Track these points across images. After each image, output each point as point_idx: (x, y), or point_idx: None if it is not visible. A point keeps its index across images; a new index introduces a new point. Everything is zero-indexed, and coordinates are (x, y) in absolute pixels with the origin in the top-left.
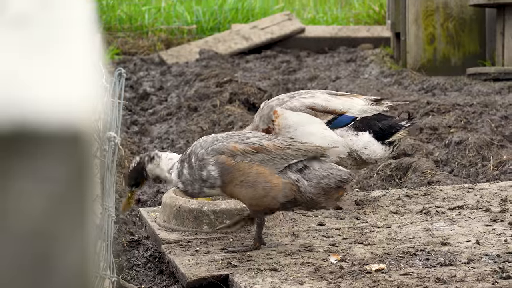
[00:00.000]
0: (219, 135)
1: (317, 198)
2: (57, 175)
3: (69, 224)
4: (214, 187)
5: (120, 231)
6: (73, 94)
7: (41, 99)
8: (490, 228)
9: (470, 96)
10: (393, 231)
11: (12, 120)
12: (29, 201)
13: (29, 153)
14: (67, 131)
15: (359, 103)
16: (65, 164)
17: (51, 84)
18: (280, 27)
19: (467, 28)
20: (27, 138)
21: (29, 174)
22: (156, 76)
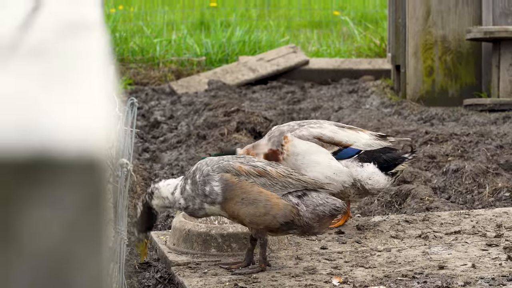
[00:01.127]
0: (225, 156)
1: (312, 223)
2: (74, 202)
3: (85, 248)
4: (215, 203)
5: (132, 254)
6: (89, 122)
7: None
8: (486, 253)
9: (467, 126)
10: (393, 254)
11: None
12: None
13: (47, 180)
14: (84, 159)
15: (364, 137)
16: (82, 191)
17: (68, 113)
18: (286, 59)
19: (464, 61)
20: (45, 165)
21: (47, 200)
22: (166, 106)
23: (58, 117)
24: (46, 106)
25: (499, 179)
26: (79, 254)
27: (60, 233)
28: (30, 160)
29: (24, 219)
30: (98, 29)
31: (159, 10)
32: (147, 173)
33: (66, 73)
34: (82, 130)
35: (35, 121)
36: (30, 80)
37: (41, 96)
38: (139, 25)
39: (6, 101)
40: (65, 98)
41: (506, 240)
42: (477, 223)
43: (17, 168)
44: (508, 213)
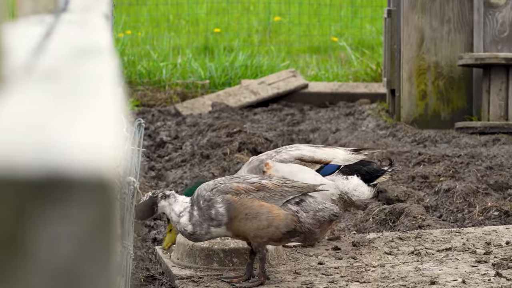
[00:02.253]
0: (219, 179)
1: (314, 229)
2: (86, 219)
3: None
4: (221, 225)
5: (138, 267)
6: (100, 143)
7: (71, 148)
8: (475, 269)
9: (458, 148)
10: (387, 270)
11: (44, 167)
12: (60, 243)
13: (61, 198)
14: (95, 178)
15: (341, 153)
16: (94, 209)
17: (80, 133)
18: (286, 82)
19: (456, 86)
20: (59, 184)
21: (60, 218)
22: (172, 126)
23: (71, 138)
24: (59, 127)
25: (489, 198)
26: (91, 269)
27: (73, 249)
28: (45, 179)
29: (39, 236)
30: (107, 53)
31: (165, 35)
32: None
33: (78, 96)
34: (93, 150)
35: (49, 142)
36: (44, 102)
37: (54, 118)
38: (146, 49)
39: (21, 122)
40: (77, 120)
41: (495, 257)
42: (467, 240)
43: (32, 186)
44: (497, 231)
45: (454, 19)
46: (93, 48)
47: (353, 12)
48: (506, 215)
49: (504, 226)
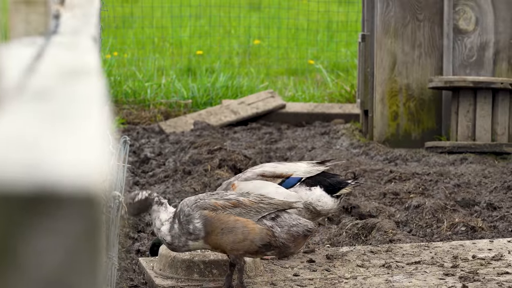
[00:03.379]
0: (201, 195)
1: (288, 243)
2: (73, 232)
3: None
4: (198, 239)
5: (122, 277)
6: (87, 159)
7: (60, 164)
8: (443, 281)
9: (428, 166)
10: (359, 282)
11: (34, 183)
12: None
13: (50, 212)
14: (82, 193)
15: (302, 166)
16: (80, 223)
17: (68, 150)
18: (264, 103)
19: (426, 107)
20: (48, 199)
21: (48, 230)
22: (156, 144)
23: (59, 155)
24: (49, 145)
25: (456, 215)
26: (78, 279)
27: (60, 260)
28: (34, 194)
29: (29, 247)
30: (95, 74)
31: (150, 57)
32: None
33: (67, 115)
34: (81, 166)
35: (39, 159)
36: (35, 122)
37: (44, 136)
38: (132, 70)
39: (12, 139)
40: (65, 138)
41: (462, 270)
42: (435, 254)
43: (23, 201)
44: (464, 246)
45: (425, 44)
46: (81, 69)
47: (329, 36)
48: (473, 230)
49: (470, 241)
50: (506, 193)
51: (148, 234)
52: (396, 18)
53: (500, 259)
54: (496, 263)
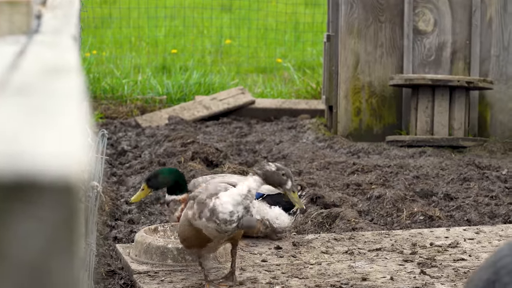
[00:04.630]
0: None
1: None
2: (52, 218)
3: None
4: None
5: (100, 263)
6: (66, 151)
7: (40, 155)
8: (402, 267)
9: (389, 159)
10: (323, 267)
11: (15, 172)
12: (29, 241)
13: (30, 200)
14: (61, 182)
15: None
16: (59, 210)
17: (49, 142)
18: (235, 99)
19: (387, 104)
20: (28, 187)
21: (28, 217)
22: (132, 137)
23: (40, 146)
24: (30, 136)
25: (415, 204)
26: (57, 264)
27: (40, 245)
28: (15, 183)
29: (10, 233)
30: (75, 71)
31: (127, 55)
32: (114, 194)
33: (48, 109)
34: (60, 157)
35: (20, 150)
36: (17, 115)
37: (25, 128)
38: (110, 68)
39: None
40: (46, 130)
41: (420, 256)
42: (395, 242)
43: (4, 189)
44: (422, 234)
45: (386, 44)
46: (62, 67)
47: (296, 36)
48: (431, 219)
49: (428, 229)
50: (462, 185)
51: (124, 222)
52: (359, 20)
53: (456, 247)
54: (452, 250)
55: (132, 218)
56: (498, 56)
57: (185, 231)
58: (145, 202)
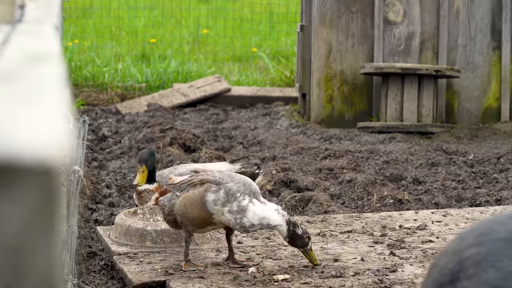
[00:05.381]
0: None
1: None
2: (32, 200)
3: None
4: None
5: (81, 244)
6: (47, 136)
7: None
8: (373, 249)
9: (360, 144)
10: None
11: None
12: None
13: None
14: (41, 166)
15: (223, 166)
16: (39, 192)
17: (30, 128)
18: (212, 86)
19: (358, 91)
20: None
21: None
22: (112, 123)
23: (21, 131)
24: (11, 122)
25: (385, 188)
26: (36, 244)
27: (20, 226)
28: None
29: None
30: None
31: (108, 44)
32: (95, 178)
33: (29, 95)
34: (41, 142)
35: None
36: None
37: (7, 114)
38: (91, 56)
39: None
40: (28, 115)
41: (389, 238)
42: (366, 224)
43: None
44: (392, 217)
45: (358, 34)
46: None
47: (270, 26)
48: (400, 202)
49: (397, 212)
50: (430, 169)
51: (105, 205)
52: (332, 10)
53: (424, 229)
54: (420, 232)
55: (112, 202)
56: (465, 46)
57: (194, 210)
58: (124, 186)
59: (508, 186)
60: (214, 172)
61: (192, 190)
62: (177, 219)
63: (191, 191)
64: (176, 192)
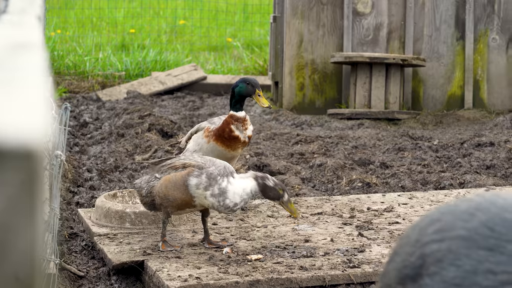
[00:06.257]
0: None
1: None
2: (15, 182)
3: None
4: None
5: (63, 226)
6: (30, 121)
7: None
8: (342, 230)
9: (330, 130)
10: (269, 230)
11: None
12: None
13: None
14: (23, 148)
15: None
16: (21, 174)
17: (14, 114)
18: (188, 75)
19: (328, 79)
20: None
21: None
22: (93, 110)
23: (5, 117)
24: None
25: (354, 172)
26: (18, 223)
27: (3, 205)
28: None
29: None
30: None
31: (89, 34)
32: (77, 163)
33: (13, 83)
34: (25, 127)
35: None
36: None
37: None
38: (73, 46)
39: None
40: (11, 102)
41: (358, 220)
42: (335, 206)
43: None
44: (360, 199)
45: (328, 25)
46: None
47: (245, 17)
48: (368, 186)
49: (366, 195)
50: (396, 154)
51: (86, 188)
52: (303, 2)
53: (391, 211)
54: (387, 214)
55: (93, 185)
56: (430, 36)
57: (175, 193)
58: (105, 170)
59: (471, 170)
60: (195, 157)
61: (174, 173)
62: (155, 200)
63: (173, 174)
64: (155, 174)
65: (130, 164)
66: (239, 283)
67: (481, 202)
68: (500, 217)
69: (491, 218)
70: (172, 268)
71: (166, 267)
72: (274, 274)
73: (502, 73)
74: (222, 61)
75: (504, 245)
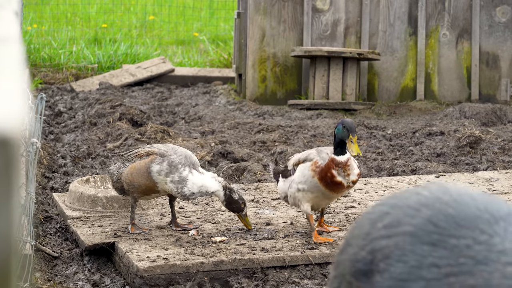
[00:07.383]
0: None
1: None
2: None
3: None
4: None
5: (38, 209)
6: (7, 111)
7: None
8: (301, 214)
9: (290, 120)
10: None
11: None
12: None
13: None
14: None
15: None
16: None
17: None
18: (157, 67)
19: (289, 72)
20: None
21: None
22: (67, 100)
23: None
24: None
25: None
26: None
27: None
28: None
29: None
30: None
31: (63, 29)
32: (52, 150)
33: None
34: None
35: None
36: None
37: None
38: (48, 40)
39: None
40: None
41: None
42: None
43: None
44: None
45: (289, 20)
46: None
47: (211, 13)
48: None
49: None
50: None
51: (60, 174)
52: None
53: (347, 196)
54: (344, 199)
55: (67, 171)
56: (385, 31)
57: (140, 179)
58: (78, 157)
59: (422, 158)
60: (159, 145)
61: (139, 160)
62: (124, 186)
63: (138, 162)
64: (124, 161)
65: (102, 151)
66: (204, 264)
67: (427, 196)
68: (443, 213)
69: (435, 214)
70: (141, 249)
71: (135, 249)
72: (237, 255)
73: (452, 67)
74: (189, 54)
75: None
